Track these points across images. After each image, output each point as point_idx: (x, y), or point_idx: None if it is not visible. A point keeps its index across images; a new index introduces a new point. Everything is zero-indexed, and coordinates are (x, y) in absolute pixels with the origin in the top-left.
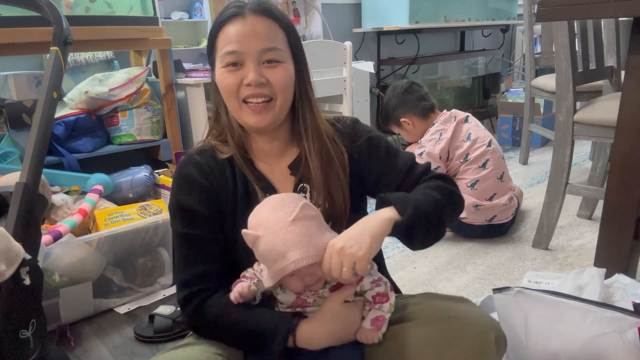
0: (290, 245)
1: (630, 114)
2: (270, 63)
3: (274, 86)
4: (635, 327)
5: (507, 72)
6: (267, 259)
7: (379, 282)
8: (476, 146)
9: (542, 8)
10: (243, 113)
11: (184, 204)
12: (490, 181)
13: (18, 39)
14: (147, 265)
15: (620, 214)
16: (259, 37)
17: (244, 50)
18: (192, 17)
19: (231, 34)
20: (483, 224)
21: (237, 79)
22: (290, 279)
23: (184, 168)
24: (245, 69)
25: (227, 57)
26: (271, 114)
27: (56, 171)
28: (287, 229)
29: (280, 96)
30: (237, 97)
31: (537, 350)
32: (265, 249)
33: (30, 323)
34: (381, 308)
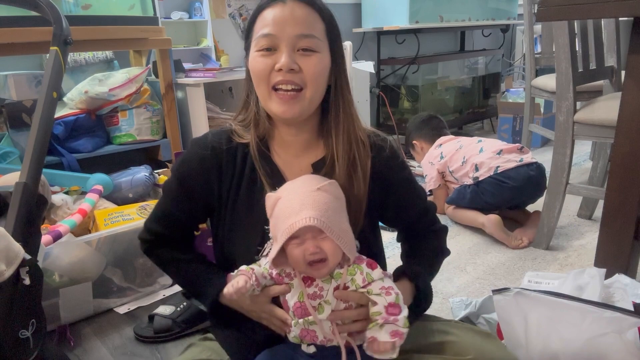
0: (308, 206)
1: (630, 114)
2: (306, 51)
3: (305, 75)
4: (635, 327)
5: (507, 72)
6: (280, 217)
7: (390, 291)
8: (470, 148)
9: (542, 8)
10: (271, 101)
11: (178, 177)
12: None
13: (18, 39)
14: (147, 265)
15: (621, 214)
16: (296, 22)
17: (279, 34)
18: (192, 17)
19: (269, 18)
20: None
21: (269, 63)
22: (294, 247)
23: (190, 149)
24: (279, 54)
25: (262, 40)
26: (299, 105)
27: (56, 171)
28: (309, 194)
29: (311, 87)
30: (268, 83)
31: (537, 350)
32: (281, 207)
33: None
34: (396, 323)
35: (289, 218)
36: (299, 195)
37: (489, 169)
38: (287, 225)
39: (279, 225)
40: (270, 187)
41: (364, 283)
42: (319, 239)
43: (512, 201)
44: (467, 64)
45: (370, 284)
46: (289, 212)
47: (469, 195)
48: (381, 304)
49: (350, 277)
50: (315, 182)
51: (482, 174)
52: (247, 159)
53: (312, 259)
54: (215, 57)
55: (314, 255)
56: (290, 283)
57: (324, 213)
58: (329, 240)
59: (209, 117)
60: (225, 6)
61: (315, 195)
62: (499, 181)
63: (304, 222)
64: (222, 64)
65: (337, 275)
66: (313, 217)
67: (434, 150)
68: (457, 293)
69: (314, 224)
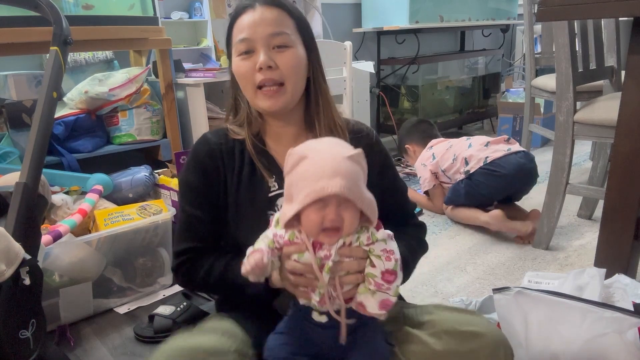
0: (341, 173)
1: (630, 114)
2: (280, 48)
3: (283, 70)
4: (635, 327)
5: (507, 72)
6: (306, 177)
7: (390, 256)
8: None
9: (542, 8)
10: (258, 99)
11: (188, 182)
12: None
13: (18, 39)
14: (147, 265)
15: (621, 214)
16: (267, 23)
17: (253, 37)
18: (192, 17)
19: (243, 24)
20: (483, 171)
21: (250, 65)
22: (313, 211)
23: (196, 147)
24: (257, 55)
25: (240, 45)
26: (283, 98)
27: (56, 171)
28: (341, 161)
29: (291, 80)
30: (252, 84)
31: (537, 350)
32: (308, 168)
33: (30, 323)
34: (388, 291)
35: (319, 181)
36: (329, 159)
37: (478, 161)
38: (316, 187)
39: (303, 185)
40: (269, 177)
41: (367, 242)
42: (342, 207)
43: (505, 190)
44: (467, 64)
45: (373, 243)
46: (319, 175)
47: (463, 190)
48: (379, 268)
49: (356, 236)
50: (344, 149)
51: (472, 166)
52: (244, 153)
53: (329, 226)
54: (215, 57)
55: (333, 222)
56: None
57: (355, 183)
58: (350, 210)
59: (209, 117)
60: (225, 6)
61: (347, 164)
62: (490, 171)
63: (337, 189)
64: (222, 64)
65: (344, 236)
66: (346, 187)
67: (426, 152)
68: (457, 293)
69: (346, 194)
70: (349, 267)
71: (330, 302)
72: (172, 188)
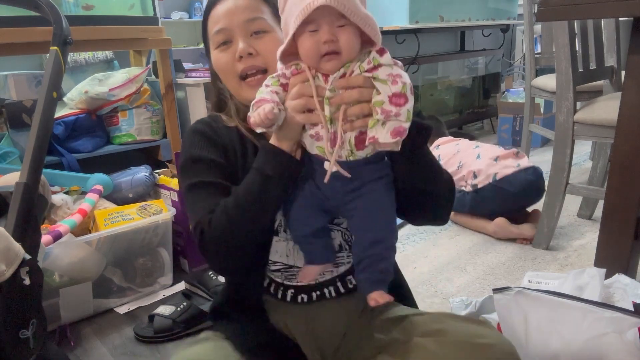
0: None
1: (630, 114)
2: (258, 34)
3: (264, 56)
4: (635, 327)
5: (507, 72)
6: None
7: (397, 79)
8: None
9: (542, 8)
10: (242, 90)
11: (196, 155)
12: (487, 162)
13: (18, 39)
14: (147, 265)
15: (621, 214)
16: (242, 10)
17: (229, 26)
18: (192, 17)
19: (217, 15)
20: (492, 187)
21: (230, 56)
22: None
23: (194, 126)
24: (235, 44)
25: (217, 36)
26: None
27: (56, 171)
28: None
29: (273, 65)
30: (235, 75)
31: (537, 350)
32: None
33: (30, 323)
34: (399, 117)
35: (303, 1)
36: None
37: (487, 176)
38: (302, 6)
39: (293, 12)
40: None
41: (369, 67)
42: (336, 26)
43: (511, 207)
44: (467, 64)
45: (376, 68)
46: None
47: (468, 203)
48: (384, 92)
49: (357, 63)
50: None
51: (480, 181)
52: (244, 137)
53: (326, 50)
54: None
55: (329, 44)
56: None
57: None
58: (346, 30)
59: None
60: None
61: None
62: (498, 188)
63: (323, 0)
64: None
65: (346, 66)
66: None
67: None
68: (457, 293)
69: (333, 4)
70: (348, 98)
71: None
72: (172, 188)
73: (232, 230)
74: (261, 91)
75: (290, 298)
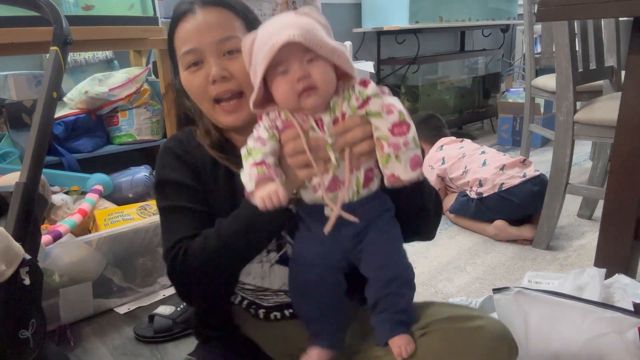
0: (288, 25)
1: (630, 114)
2: (231, 54)
3: (239, 78)
4: (635, 327)
5: (507, 72)
6: (260, 46)
7: (391, 108)
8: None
9: (542, 8)
10: (217, 114)
11: (166, 177)
12: (492, 172)
13: (18, 39)
14: (147, 265)
15: (621, 214)
16: (212, 29)
17: (200, 46)
18: None
19: (185, 32)
20: (497, 197)
21: (201, 78)
22: (280, 80)
23: (166, 144)
24: (207, 66)
25: (186, 57)
26: (245, 111)
27: (56, 171)
28: (288, 18)
29: (249, 87)
30: (208, 98)
31: (537, 350)
32: (258, 41)
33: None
34: (408, 146)
35: (266, 44)
36: (275, 22)
37: (493, 186)
38: (267, 47)
39: (258, 58)
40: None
41: (358, 103)
42: (305, 62)
43: (516, 216)
44: (467, 64)
45: (366, 102)
46: (267, 38)
47: (472, 209)
48: (384, 125)
49: (345, 102)
50: (293, 12)
51: (486, 190)
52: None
53: (301, 87)
54: None
55: (302, 81)
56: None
57: (309, 30)
58: (318, 65)
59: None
60: None
61: (295, 18)
62: (503, 198)
63: (287, 37)
64: None
65: (334, 106)
66: (297, 34)
67: (436, 153)
68: (457, 293)
69: (297, 39)
70: (352, 140)
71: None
72: None
73: (208, 266)
74: (257, 150)
75: (262, 315)
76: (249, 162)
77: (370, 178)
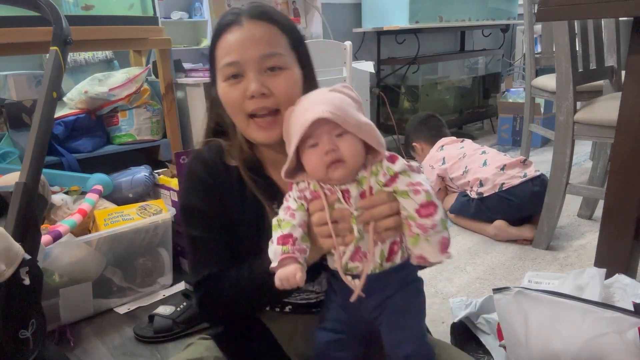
0: (321, 103)
1: (630, 114)
2: (273, 70)
3: (278, 96)
4: (636, 327)
5: (507, 72)
6: (294, 120)
7: (418, 188)
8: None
9: (542, 8)
10: (250, 129)
11: (192, 205)
12: (493, 172)
13: (18, 39)
14: (147, 265)
15: (621, 214)
16: (257, 43)
17: (242, 60)
18: (192, 17)
19: (228, 44)
20: (497, 197)
21: (239, 92)
22: (311, 152)
23: (192, 167)
24: (247, 80)
25: (227, 69)
26: (279, 129)
27: (56, 171)
28: (320, 95)
29: (286, 106)
30: (243, 113)
31: (537, 350)
32: (295, 112)
33: (30, 323)
34: (436, 229)
35: (299, 119)
36: (310, 98)
37: (493, 186)
38: (300, 122)
39: (292, 130)
40: (269, 205)
41: (386, 179)
42: (334, 137)
43: (516, 216)
44: (467, 64)
45: (394, 179)
46: (300, 113)
47: (473, 209)
48: (411, 206)
49: (373, 178)
50: (328, 88)
51: (486, 190)
52: (243, 179)
53: (329, 160)
54: None
55: (330, 154)
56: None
57: (338, 107)
58: (346, 139)
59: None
60: (225, 6)
61: (328, 95)
62: (504, 198)
63: (318, 114)
64: None
65: (362, 180)
66: (328, 110)
67: (436, 153)
68: (457, 293)
69: (327, 115)
70: (379, 215)
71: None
72: (172, 188)
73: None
74: (286, 223)
75: (278, 308)
76: (277, 234)
77: (395, 251)
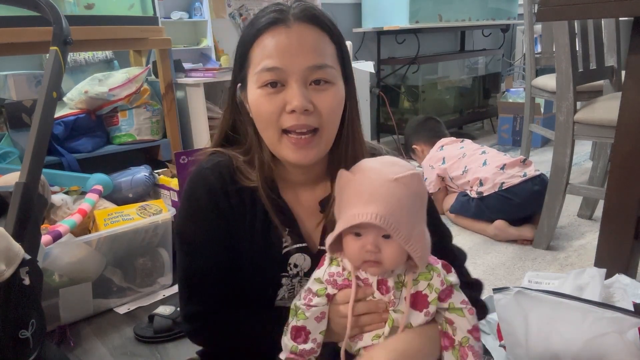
0: (378, 199)
1: (630, 114)
2: (319, 84)
3: (322, 114)
4: (636, 327)
5: (507, 72)
6: (346, 201)
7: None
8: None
9: (542, 8)
10: (282, 146)
11: (190, 232)
12: (493, 171)
13: (18, 39)
14: (147, 266)
15: (621, 214)
16: (306, 51)
17: (287, 67)
18: (192, 16)
19: (271, 46)
20: (497, 196)
21: (277, 105)
22: (353, 239)
23: (194, 189)
24: (288, 92)
25: (266, 74)
26: (316, 150)
27: (56, 171)
28: (383, 183)
29: (328, 126)
30: (277, 127)
31: (537, 350)
32: (352, 189)
33: (29, 323)
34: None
35: (353, 207)
36: (371, 182)
37: (493, 185)
38: (349, 214)
39: (342, 210)
40: (282, 224)
41: (443, 287)
42: (381, 238)
43: (516, 216)
44: (467, 64)
45: (450, 293)
46: (356, 200)
47: (473, 209)
48: (463, 327)
49: (427, 283)
50: (395, 169)
51: (486, 189)
52: (256, 202)
53: (368, 258)
54: (215, 57)
55: (370, 253)
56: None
57: (394, 211)
58: (391, 244)
59: (209, 117)
60: (225, 6)
61: (390, 187)
62: (504, 198)
63: (367, 217)
64: (222, 63)
65: (406, 281)
66: (379, 215)
67: (436, 153)
68: None
69: (378, 223)
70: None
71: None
72: (172, 188)
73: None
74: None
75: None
76: (293, 323)
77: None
